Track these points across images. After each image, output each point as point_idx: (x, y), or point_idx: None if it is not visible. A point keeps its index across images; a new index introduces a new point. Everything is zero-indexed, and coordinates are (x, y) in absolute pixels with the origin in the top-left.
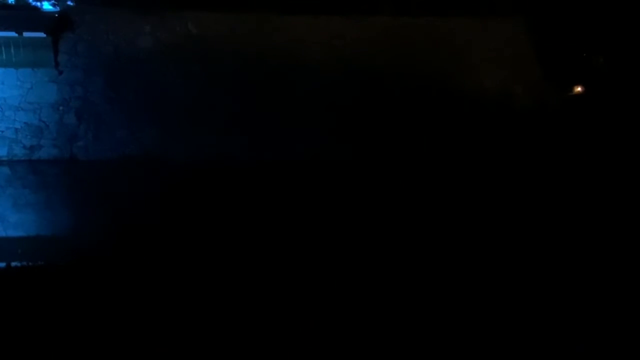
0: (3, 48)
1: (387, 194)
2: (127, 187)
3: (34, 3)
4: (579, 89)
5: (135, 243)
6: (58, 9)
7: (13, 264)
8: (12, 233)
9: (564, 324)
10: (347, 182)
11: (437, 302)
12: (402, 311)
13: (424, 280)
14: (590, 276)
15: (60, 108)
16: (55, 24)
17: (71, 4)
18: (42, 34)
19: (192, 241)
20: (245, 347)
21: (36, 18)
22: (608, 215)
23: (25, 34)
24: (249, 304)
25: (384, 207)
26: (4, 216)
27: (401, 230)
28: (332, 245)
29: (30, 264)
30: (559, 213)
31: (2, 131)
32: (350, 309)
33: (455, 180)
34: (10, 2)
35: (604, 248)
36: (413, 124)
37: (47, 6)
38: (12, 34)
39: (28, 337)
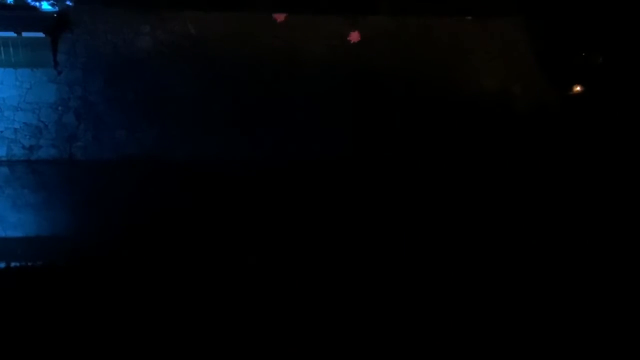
0: (2, 48)
1: (387, 194)
2: (127, 188)
3: (32, 3)
4: (578, 88)
5: (134, 243)
6: (57, 9)
7: (12, 264)
8: (11, 233)
9: (563, 323)
10: (346, 182)
11: (436, 302)
12: (403, 310)
13: (423, 279)
14: (591, 276)
15: (59, 108)
16: (54, 24)
17: (70, 4)
18: (41, 34)
19: (192, 241)
20: (246, 347)
21: (35, 18)
22: (608, 215)
23: (24, 34)
24: (249, 305)
25: (383, 207)
26: (3, 216)
27: (400, 230)
28: (332, 245)
29: (29, 264)
30: (559, 213)
31: (1, 131)
32: (350, 309)
33: (455, 181)
34: (8, 2)
35: (605, 248)
36: (413, 124)
37: (45, 6)
38: (11, 34)
39: (28, 337)
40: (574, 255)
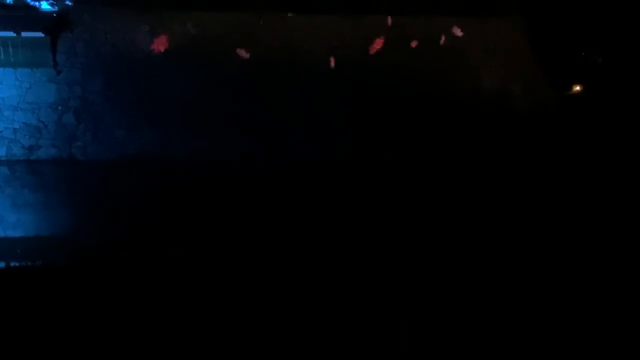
0: (1, 48)
1: (386, 193)
2: (126, 187)
3: (32, 3)
4: (577, 88)
5: (133, 243)
6: (56, 8)
7: (12, 264)
8: (11, 233)
9: (562, 322)
10: (346, 182)
11: (435, 300)
12: (402, 308)
13: (423, 278)
14: (590, 275)
15: (59, 108)
16: (53, 24)
17: (69, 3)
18: (40, 34)
19: (191, 241)
20: (245, 346)
21: (34, 18)
22: (608, 214)
23: (24, 34)
24: (248, 305)
25: (382, 206)
26: (3, 216)
27: (400, 229)
28: (332, 243)
29: (29, 264)
30: (559, 212)
31: (1, 131)
32: (351, 307)
33: (455, 180)
34: (8, 1)
35: (604, 247)
36: (412, 123)
37: (45, 6)
38: (11, 33)
39: (28, 336)
40: (573, 253)
